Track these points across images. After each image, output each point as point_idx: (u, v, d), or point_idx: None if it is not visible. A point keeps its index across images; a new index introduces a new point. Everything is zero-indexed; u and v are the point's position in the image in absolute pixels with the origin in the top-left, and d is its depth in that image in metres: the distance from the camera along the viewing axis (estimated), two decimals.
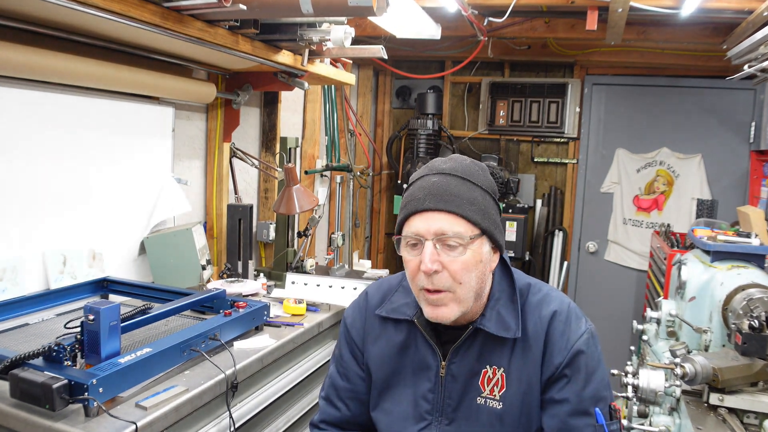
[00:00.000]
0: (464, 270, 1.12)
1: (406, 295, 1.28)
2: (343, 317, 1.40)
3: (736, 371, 1.65)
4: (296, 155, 2.86)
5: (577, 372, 1.15)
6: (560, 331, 1.17)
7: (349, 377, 1.34)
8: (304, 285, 2.49)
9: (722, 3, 2.51)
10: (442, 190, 1.12)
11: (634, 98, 4.06)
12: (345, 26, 2.04)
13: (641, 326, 2.35)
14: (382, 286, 1.36)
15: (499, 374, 1.18)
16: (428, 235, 1.11)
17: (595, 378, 1.16)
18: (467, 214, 1.11)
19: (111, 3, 1.40)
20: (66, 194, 1.94)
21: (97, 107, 2.02)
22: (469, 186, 1.14)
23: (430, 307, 1.15)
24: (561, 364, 1.15)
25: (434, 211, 1.11)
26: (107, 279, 2.05)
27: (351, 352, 1.34)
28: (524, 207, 3.91)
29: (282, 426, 1.93)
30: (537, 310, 1.20)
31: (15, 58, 1.58)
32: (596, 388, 1.16)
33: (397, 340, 1.27)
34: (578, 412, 1.14)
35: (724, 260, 2.11)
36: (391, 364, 1.27)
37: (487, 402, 1.18)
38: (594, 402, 1.15)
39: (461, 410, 1.20)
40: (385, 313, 1.29)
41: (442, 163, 1.19)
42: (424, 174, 1.17)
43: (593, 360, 1.17)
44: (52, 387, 1.20)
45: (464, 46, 3.72)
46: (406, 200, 1.17)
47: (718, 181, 3.90)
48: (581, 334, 1.18)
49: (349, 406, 1.34)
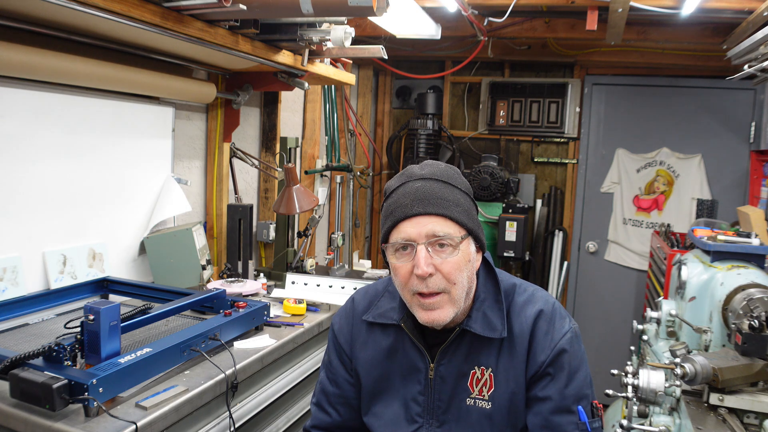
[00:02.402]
0: (457, 270, 1.13)
1: (392, 300, 1.30)
2: (331, 324, 1.41)
3: (736, 371, 1.65)
4: (296, 155, 2.86)
5: (560, 370, 1.17)
6: (544, 331, 1.19)
7: (338, 383, 1.36)
8: (304, 285, 2.49)
9: (722, 3, 2.51)
10: (428, 194, 1.14)
11: (634, 98, 4.06)
12: (345, 26, 2.04)
13: (641, 326, 2.35)
14: (369, 291, 1.38)
15: (487, 374, 1.20)
16: (420, 239, 1.12)
17: (578, 376, 1.18)
18: (455, 216, 1.14)
19: (111, 3, 1.40)
20: (66, 194, 1.94)
21: (97, 107, 2.02)
22: (450, 189, 1.17)
23: (425, 312, 1.15)
24: (544, 363, 1.17)
25: (424, 216, 1.13)
26: (107, 279, 2.05)
27: (339, 359, 1.36)
28: (524, 207, 3.91)
29: (282, 426, 1.94)
30: (523, 311, 1.22)
31: (15, 58, 1.58)
32: (579, 386, 1.18)
33: (384, 344, 1.29)
34: (561, 410, 1.16)
35: (724, 260, 2.11)
36: (380, 369, 1.29)
37: (477, 402, 1.20)
38: (577, 400, 1.17)
39: (451, 412, 1.22)
40: (371, 318, 1.30)
41: (419, 169, 1.20)
42: (405, 181, 1.18)
43: (576, 359, 1.19)
44: (52, 387, 1.20)
45: (464, 46, 3.72)
46: (390, 208, 1.17)
47: (718, 181, 3.90)
48: (564, 333, 1.19)
49: (340, 411, 1.35)
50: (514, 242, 3.80)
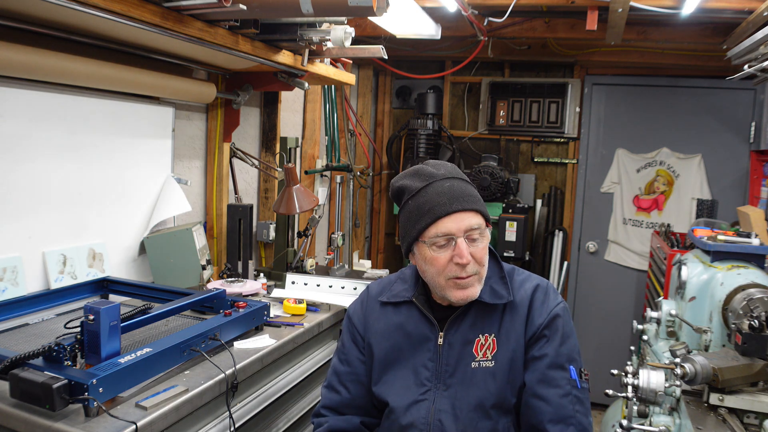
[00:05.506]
0: (484, 254, 1.33)
1: (403, 283, 1.47)
2: (346, 312, 1.55)
3: (736, 371, 1.65)
4: (296, 155, 2.86)
5: (555, 332, 1.33)
6: (541, 300, 1.37)
7: (349, 361, 1.47)
8: (304, 285, 2.49)
9: (722, 3, 2.51)
10: (461, 192, 1.31)
11: (634, 98, 4.06)
12: (345, 26, 2.04)
13: (641, 326, 2.35)
14: (382, 281, 1.54)
15: (491, 340, 1.35)
16: (459, 233, 1.28)
17: (570, 341, 1.34)
18: (480, 209, 1.32)
19: (111, 3, 1.40)
20: (66, 194, 1.94)
21: (97, 107, 2.02)
22: (468, 185, 1.35)
23: (460, 291, 1.31)
24: (541, 325, 1.33)
25: (461, 212, 1.29)
26: (107, 279, 2.05)
27: (352, 338, 1.49)
28: (524, 207, 3.90)
29: (282, 426, 1.94)
30: (522, 286, 1.40)
31: (15, 58, 1.58)
32: (570, 349, 1.34)
33: (396, 320, 1.43)
34: (555, 365, 1.31)
35: (724, 260, 2.11)
36: (392, 341, 1.41)
37: (481, 364, 1.34)
38: (569, 360, 1.32)
39: (457, 375, 1.34)
40: (386, 298, 1.46)
41: (434, 169, 1.35)
42: (430, 182, 1.32)
43: (568, 326, 1.36)
44: (52, 387, 1.20)
45: (464, 46, 3.72)
46: (426, 207, 1.30)
47: (718, 181, 3.90)
48: (558, 303, 1.37)
49: (349, 388, 1.45)
50: (514, 242, 3.80)
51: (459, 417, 1.31)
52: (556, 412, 1.27)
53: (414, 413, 1.34)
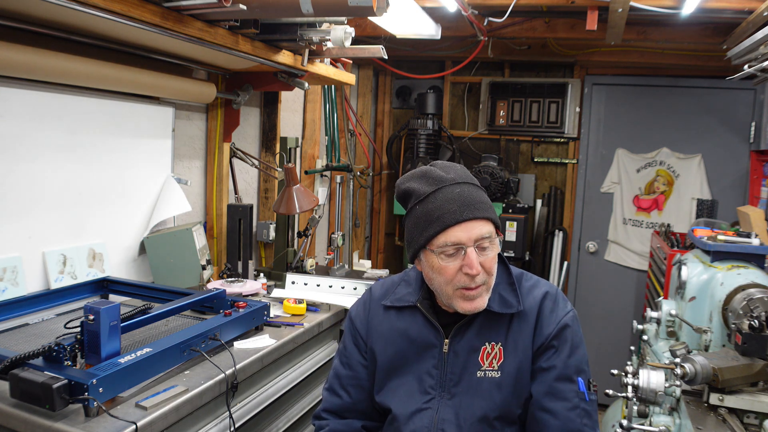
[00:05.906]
0: (494, 263, 1.28)
1: (407, 287, 1.41)
2: (348, 313, 1.50)
3: (736, 371, 1.65)
4: (296, 155, 2.86)
5: (564, 343, 1.29)
6: (550, 309, 1.32)
7: (351, 365, 1.43)
8: (304, 285, 2.49)
9: (722, 3, 2.51)
10: (471, 199, 1.24)
11: (634, 98, 4.05)
12: (345, 26, 2.04)
13: (641, 326, 2.35)
14: (385, 283, 1.49)
15: (497, 348, 1.31)
16: (470, 243, 1.22)
17: (578, 352, 1.30)
18: (492, 216, 1.26)
19: (111, 3, 1.40)
20: (66, 194, 1.94)
21: (97, 107, 2.02)
22: (479, 190, 1.29)
23: (467, 302, 1.26)
24: (550, 335, 1.29)
25: (472, 221, 1.23)
26: (107, 279, 2.05)
27: (354, 342, 1.44)
28: (524, 207, 3.90)
29: (282, 426, 1.94)
30: (530, 292, 1.34)
31: (15, 58, 1.58)
32: (579, 360, 1.30)
33: (400, 325, 1.38)
34: (563, 378, 1.27)
35: (724, 260, 2.11)
36: (395, 347, 1.37)
37: (487, 374, 1.30)
38: (577, 371, 1.28)
39: (462, 384, 1.30)
40: (389, 302, 1.41)
41: (445, 172, 1.28)
42: (439, 186, 1.26)
43: (577, 336, 1.32)
44: (52, 387, 1.20)
45: (464, 46, 3.72)
46: (436, 213, 1.23)
47: (718, 181, 3.90)
48: (567, 311, 1.33)
49: (351, 393, 1.42)
50: (514, 242, 3.80)
51: (463, 427, 1.28)
52: (564, 426, 1.24)
53: (417, 422, 1.30)
